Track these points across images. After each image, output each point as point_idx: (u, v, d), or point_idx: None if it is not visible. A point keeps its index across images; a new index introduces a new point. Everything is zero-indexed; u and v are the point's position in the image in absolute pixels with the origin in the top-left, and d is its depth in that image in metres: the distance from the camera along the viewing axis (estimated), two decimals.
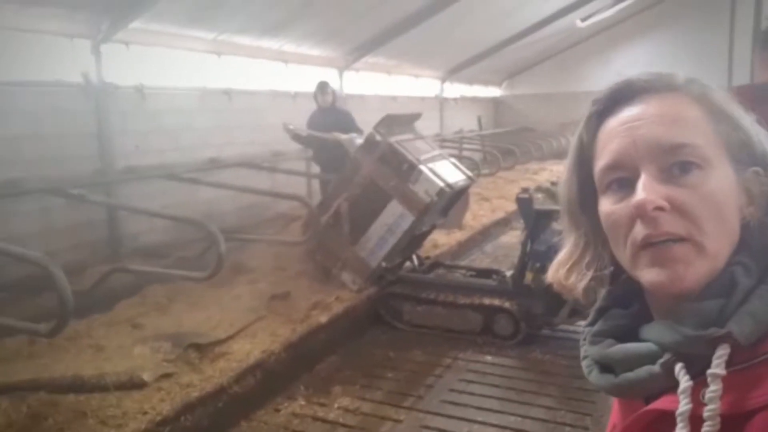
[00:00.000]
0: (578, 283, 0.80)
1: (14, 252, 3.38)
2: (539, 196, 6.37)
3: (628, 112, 0.74)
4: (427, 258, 6.11)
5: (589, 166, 0.78)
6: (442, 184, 5.01)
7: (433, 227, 5.95)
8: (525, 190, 4.91)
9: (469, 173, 5.70)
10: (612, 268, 0.79)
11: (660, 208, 0.67)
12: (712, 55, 12.37)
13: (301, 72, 8.64)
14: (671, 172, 0.69)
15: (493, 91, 17.11)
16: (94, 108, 5.70)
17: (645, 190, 0.68)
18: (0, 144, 4.95)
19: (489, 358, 4.79)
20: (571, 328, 5.11)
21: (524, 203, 4.85)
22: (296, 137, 6.89)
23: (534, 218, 4.82)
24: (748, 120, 0.74)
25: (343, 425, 3.81)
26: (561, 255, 0.84)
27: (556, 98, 16.36)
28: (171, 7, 5.83)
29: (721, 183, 0.70)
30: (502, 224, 9.23)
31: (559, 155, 15.21)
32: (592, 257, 0.80)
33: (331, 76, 9.36)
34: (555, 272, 0.83)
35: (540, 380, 4.38)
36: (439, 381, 4.40)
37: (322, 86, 7.01)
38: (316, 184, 8.19)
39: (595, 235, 0.79)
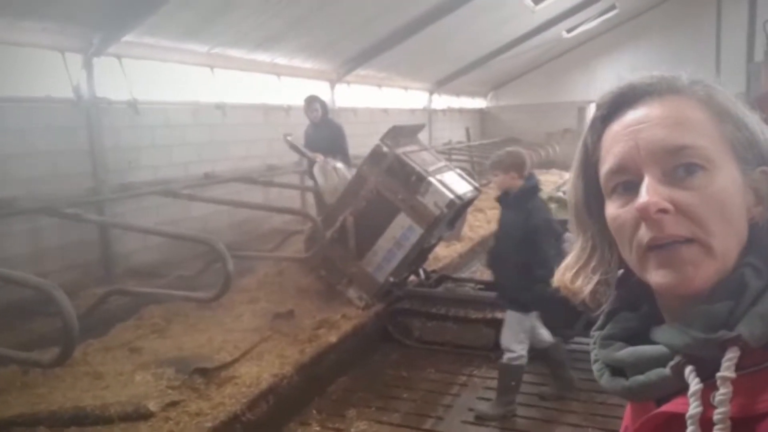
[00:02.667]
0: (585, 286, 0.80)
1: (15, 277, 3.16)
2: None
3: (632, 116, 0.74)
4: (434, 272, 5.96)
5: (594, 170, 0.78)
6: (451, 195, 4.88)
7: (439, 240, 5.81)
8: None
9: (476, 184, 5.59)
10: (621, 272, 0.79)
11: (663, 210, 0.67)
12: (698, 64, 12.47)
13: (294, 85, 8.50)
14: (676, 174, 0.69)
15: (480, 103, 17.13)
16: (86, 124, 5.49)
17: (648, 192, 0.68)
18: None
19: None
20: (587, 340, 4.98)
21: None
22: (294, 148, 6.75)
23: None
24: (753, 119, 0.73)
25: None
26: (568, 259, 0.83)
27: (541, 108, 16.43)
28: (164, 20, 5.66)
29: (726, 184, 0.69)
30: None
31: (546, 165, 15.24)
32: (598, 261, 0.80)
33: (322, 89, 9.24)
34: (561, 275, 0.83)
35: (562, 395, 4.23)
36: (456, 400, 4.25)
37: (309, 101, 6.86)
38: (310, 198, 8.03)
39: (602, 239, 0.79)
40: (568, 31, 13.88)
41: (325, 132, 6.80)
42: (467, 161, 13.23)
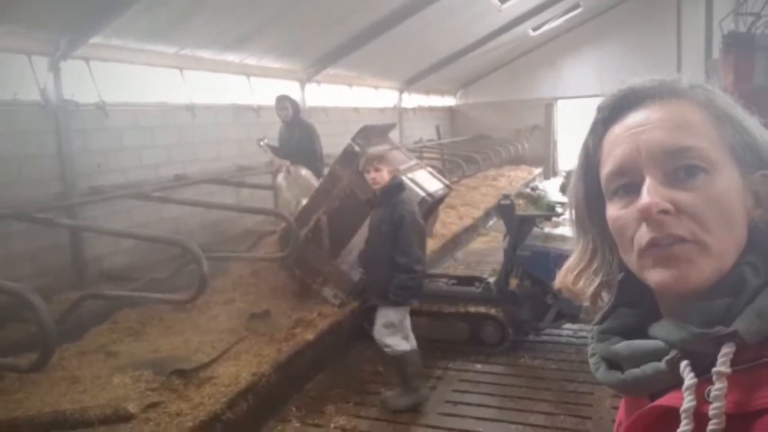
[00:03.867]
0: (586, 288, 0.81)
1: None
2: (520, 202, 6.40)
3: (632, 119, 0.75)
4: None
5: (595, 172, 0.79)
6: (423, 193, 4.97)
7: None
8: (506, 196, 4.92)
9: (447, 182, 5.68)
10: (623, 275, 0.80)
11: (665, 211, 0.68)
12: (660, 61, 12.81)
13: (264, 85, 8.49)
14: (676, 175, 0.70)
15: (449, 101, 17.28)
16: (53, 127, 5.42)
17: (649, 193, 0.69)
18: None
19: (479, 366, 4.76)
20: (556, 331, 5.14)
21: (506, 209, 4.86)
22: (271, 149, 6.73)
23: (517, 224, 4.83)
24: (752, 123, 0.75)
25: None
26: (570, 261, 0.84)
27: (509, 106, 16.65)
28: (132, 22, 5.62)
29: (726, 186, 0.70)
30: (471, 231, 9.28)
31: (515, 161, 15.49)
32: (600, 263, 0.81)
33: (293, 89, 9.24)
34: (563, 277, 0.84)
35: (534, 386, 4.37)
36: (433, 393, 4.33)
37: (279, 100, 6.80)
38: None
39: (603, 241, 0.80)
40: (534, 29, 14.10)
41: (296, 132, 6.80)
42: (438, 159, 13.37)
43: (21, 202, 4.94)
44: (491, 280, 5.23)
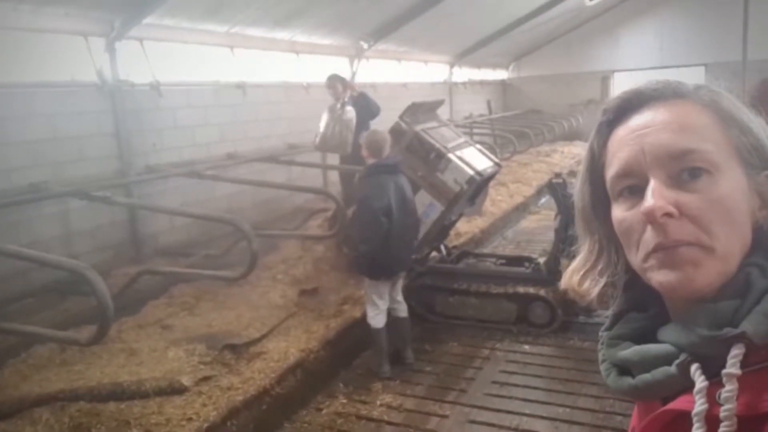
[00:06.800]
0: (592, 289, 0.81)
1: (49, 260, 3.29)
2: (573, 180, 6.22)
3: (637, 120, 0.75)
4: (455, 248, 6.00)
5: (600, 173, 0.79)
6: (471, 172, 4.89)
7: (460, 216, 5.84)
8: (558, 174, 4.80)
9: (496, 159, 5.58)
10: (629, 275, 0.79)
11: (669, 214, 0.68)
12: (725, 28, 12.15)
13: (313, 62, 8.49)
14: (681, 178, 0.70)
15: (501, 74, 16.90)
16: (110, 107, 5.58)
17: (654, 196, 0.69)
18: (20, 148, 4.84)
19: (527, 347, 4.72)
20: (607, 313, 5.00)
21: (558, 188, 4.74)
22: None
23: (569, 203, 4.71)
24: (757, 124, 0.74)
25: (389, 423, 3.74)
26: (575, 261, 0.84)
27: (563, 79, 16.17)
28: (183, 1, 5.70)
29: (731, 187, 0.70)
30: (521, 209, 9.13)
31: (569, 137, 15.06)
32: (606, 264, 0.81)
33: (342, 65, 9.22)
34: (569, 278, 0.84)
35: (582, 369, 4.29)
36: (479, 373, 4.32)
37: (328, 80, 6.80)
38: (334, 176, 8.07)
39: (609, 241, 0.80)
40: None
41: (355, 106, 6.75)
42: (489, 134, 13.13)
43: (81, 181, 5.13)
44: (541, 260, 5.14)
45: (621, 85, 15.95)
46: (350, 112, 6.46)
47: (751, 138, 0.73)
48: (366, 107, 6.81)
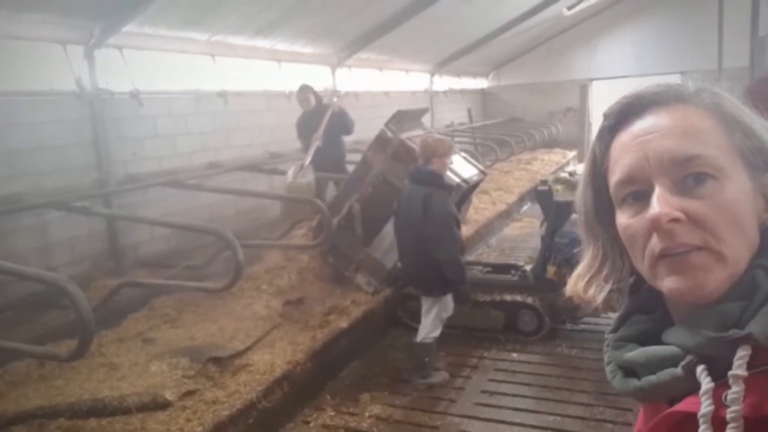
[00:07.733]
0: (597, 295, 0.80)
1: (29, 273, 3.18)
2: (558, 187, 6.25)
3: (640, 126, 0.74)
4: None
5: (603, 179, 0.78)
6: (457, 179, 4.88)
7: None
8: (544, 182, 4.80)
9: (481, 167, 5.58)
10: (633, 278, 0.80)
11: (675, 220, 0.67)
12: (700, 37, 12.34)
13: (295, 71, 8.45)
14: (685, 183, 0.69)
15: (481, 83, 17.01)
16: (89, 116, 5.47)
17: (659, 203, 0.68)
18: None
19: (515, 355, 4.69)
20: (594, 320, 5.02)
21: (544, 195, 4.75)
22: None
23: (555, 210, 4.71)
24: (760, 125, 0.74)
25: None
26: (580, 267, 0.84)
27: (542, 88, 16.31)
28: (163, 9, 5.62)
29: (736, 191, 0.69)
30: (504, 216, 9.14)
31: (549, 144, 15.18)
32: (610, 269, 0.80)
33: (323, 74, 9.19)
34: (574, 285, 0.83)
35: (571, 376, 4.28)
36: (468, 382, 4.28)
37: (300, 91, 6.88)
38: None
39: (613, 246, 0.80)
40: (569, 8, 13.72)
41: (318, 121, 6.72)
42: (470, 143, 13.17)
43: (59, 190, 5.01)
44: (528, 267, 5.13)
45: (599, 93, 16.18)
46: (311, 174, 6.19)
47: (754, 140, 0.72)
48: (342, 124, 6.83)
